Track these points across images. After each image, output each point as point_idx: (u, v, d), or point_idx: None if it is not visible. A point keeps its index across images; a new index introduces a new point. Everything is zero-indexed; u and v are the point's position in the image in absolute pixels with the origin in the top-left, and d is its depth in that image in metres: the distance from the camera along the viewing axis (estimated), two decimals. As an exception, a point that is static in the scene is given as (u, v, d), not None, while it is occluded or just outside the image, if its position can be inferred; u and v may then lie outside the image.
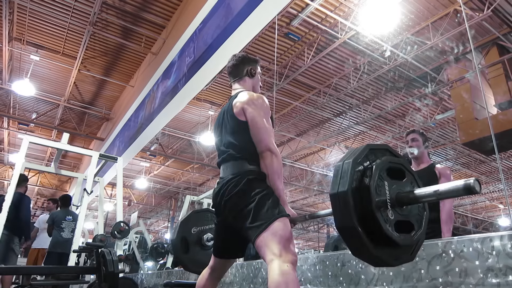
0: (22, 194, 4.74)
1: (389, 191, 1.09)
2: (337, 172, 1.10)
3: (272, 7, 3.60)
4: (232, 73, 1.93)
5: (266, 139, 1.62)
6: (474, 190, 0.93)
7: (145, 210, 19.64)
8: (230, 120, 1.73)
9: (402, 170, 1.17)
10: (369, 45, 7.28)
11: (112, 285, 2.86)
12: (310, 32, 7.25)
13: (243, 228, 1.52)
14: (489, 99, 6.73)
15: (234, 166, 1.67)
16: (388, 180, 1.11)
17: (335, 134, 10.92)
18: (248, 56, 1.96)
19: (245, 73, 1.91)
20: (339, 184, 1.08)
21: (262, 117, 1.67)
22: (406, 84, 8.45)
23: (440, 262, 1.56)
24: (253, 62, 1.94)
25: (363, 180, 1.09)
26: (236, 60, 1.93)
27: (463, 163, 12.73)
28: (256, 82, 1.94)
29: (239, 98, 1.73)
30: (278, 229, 1.45)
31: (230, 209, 1.58)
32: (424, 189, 1.08)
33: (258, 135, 1.64)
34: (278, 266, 1.34)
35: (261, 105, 1.70)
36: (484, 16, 6.02)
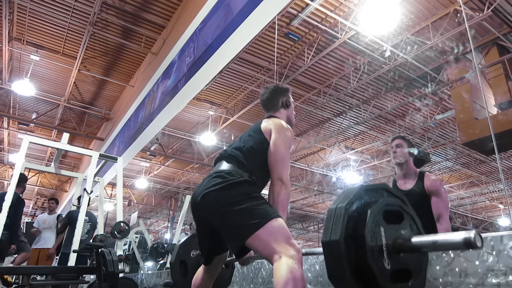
0: (19, 197, 4.63)
1: (385, 237, 1.02)
2: (330, 217, 1.04)
3: (272, 7, 3.60)
4: (267, 106, 1.97)
5: (282, 168, 1.64)
6: (474, 246, 0.87)
7: (145, 210, 19.64)
8: (255, 132, 1.77)
9: (400, 212, 1.10)
10: (369, 45, 7.28)
11: (112, 285, 2.86)
12: (310, 32, 7.25)
13: (231, 224, 1.47)
14: (489, 99, 6.73)
15: (231, 165, 1.65)
16: (384, 225, 1.04)
17: (335, 134, 10.92)
18: (280, 87, 1.98)
19: (280, 105, 1.94)
20: (331, 232, 1.01)
21: (285, 146, 1.69)
22: (406, 84, 8.45)
23: (440, 262, 1.56)
24: (286, 92, 1.97)
25: (357, 226, 1.01)
26: (270, 92, 1.96)
27: (463, 163, 12.73)
28: (291, 112, 1.99)
29: (272, 120, 1.80)
30: (278, 227, 1.44)
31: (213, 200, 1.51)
32: (422, 237, 1.02)
33: (275, 162, 1.65)
34: (286, 263, 1.33)
35: (289, 137, 1.74)
36: (484, 16, 6.02)
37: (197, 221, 1.70)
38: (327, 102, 9.21)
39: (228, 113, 10.18)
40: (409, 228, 1.10)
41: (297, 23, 6.84)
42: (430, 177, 2.53)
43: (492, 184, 14.37)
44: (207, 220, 1.60)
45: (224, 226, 1.51)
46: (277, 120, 1.81)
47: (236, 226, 1.46)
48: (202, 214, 1.60)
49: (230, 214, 1.47)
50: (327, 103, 9.33)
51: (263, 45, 7.55)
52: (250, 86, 8.94)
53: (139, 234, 9.60)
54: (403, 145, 2.61)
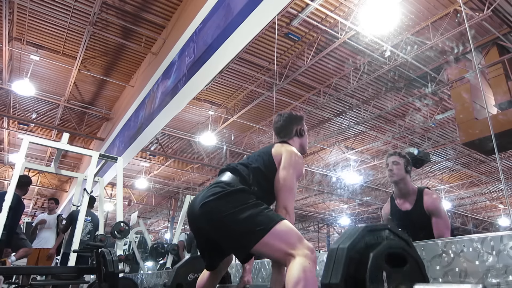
0: (19, 199, 4.64)
1: (387, 283, 0.99)
2: (331, 258, 1.01)
3: (272, 7, 3.60)
4: (281, 134, 1.93)
5: (288, 198, 1.63)
6: None
7: (145, 210, 19.64)
8: (265, 154, 1.74)
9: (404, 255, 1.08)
10: (369, 45, 7.28)
11: (112, 285, 2.86)
12: (310, 32, 7.25)
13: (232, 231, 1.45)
14: (489, 99, 6.73)
15: (234, 178, 1.63)
16: (387, 269, 1.01)
17: (335, 134, 10.92)
18: (295, 115, 1.97)
19: (294, 134, 1.92)
20: (332, 274, 0.98)
21: (293, 175, 1.67)
22: (406, 84, 8.46)
23: (440, 262, 1.56)
24: (300, 121, 1.96)
25: (359, 270, 0.98)
26: (284, 120, 1.93)
27: (463, 163, 12.73)
28: (305, 141, 1.97)
29: (285, 147, 1.76)
30: (287, 229, 1.43)
31: (213, 209, 1.47)
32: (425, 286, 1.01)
33: (283, 191, 1.64)
34: (300, 263, 1.33)
35: (299, 166, 1.72)
36: (484, 16, 6.02)
37: (195, 232, 1.65)
38: (327, 102, 9.21)
39: (228, 113, 10.19)
40: (412, 272, 1.07)
41: (297, 23, 6.84)
42: (429, 195, 2.43)
43: (492, 184, 14.38)
44: (205, 231, 1.56)
45: (226, 235, 1.48)
46: (290, 147, 1.79)
47: (240, 234, 1.43)
48: (201, 225, 1.55)
49: (232, 223, 1.44)
50: (327, 103, 9.33)
51: (263, 45, 7.56)
52: (250, 86, 8.94)
53: (139, 234, 9.60)
54: (399, 162, 2.49)
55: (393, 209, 2.58)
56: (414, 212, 2.42)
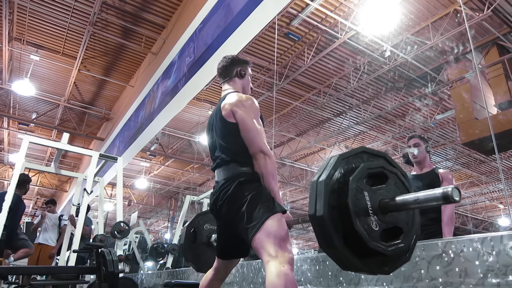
0: (20, 198, 4.66)
1: (370, 200, 1.03)
2: (313, 193, 1.04)
3: (272, 7, 3.60)
4: (222, 74, 1.92)
5: (258, 140, 1.61)
6: (452, 199, 0.90)
7: (145, 210, 19.64)
8: (220, 123, 1.72)
9: (383, 172, 1.10)
10: (369, 45, 7.28)
11: (112, 285, 2.86)
12: (310, 32, 7.25)
13: (240, 230, 1.53)
14: (489, 99, 6.73)
15: (226, 171, 1.67)
16: (368, 189, 1.05)
17: (335, 134, 10.92)
18: (238, 58, 1.95)
19: (234, 74, 1.90)
20: (316, 207, 1.02)
21: (252, 118, 1.66)
22: (406, 84, 8.46)
23: (440, 262, 1.56)
24: (243, 63, 1.93)
25: (340, 197, 1.01)
26: (226, 61, 1.92)
27: (463, 163, 12.73)
28: (246, 83, 1.93)
29: (228, 100, 1.73)
30: (271, 229, 1.44)
31: (226, 213, 1.61)
32: (405, 196, 1.04)
33: (249, 137, 1.62)
34: (275, 268, 1.33)
35: (250, 106, 1.70)
36: (484, 16, 6.02)
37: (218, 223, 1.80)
38: (327, 102, 9.21)
39: (228, 113, 10.17)
40: (394, 186, 1.10)
41: (297, 23, 6.84)
42: (443, 170, 2.74)
43: (492, 184, 14.37)
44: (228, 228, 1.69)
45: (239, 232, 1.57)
46: (232, 95, 1.76)
47: (242, 231, 1.52)
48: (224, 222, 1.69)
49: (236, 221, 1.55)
50: (327, 103, 9.33)
51: (263, 45, 7.55)
52: (250, 86, 8.93)
53: (139, 234, 9.59)
54: (420, 144, 2.73)
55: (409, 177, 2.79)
56: (426, 175, 2.67)
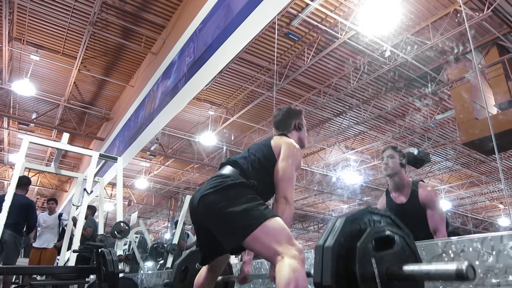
0: (31, 200, 4.87)
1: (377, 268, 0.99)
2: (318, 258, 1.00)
3: (272, 7, 3.60)
4: (280, 127, 1.96)
5: (287, 188, 1.66)
6: (466, 278, 0.85)
7: (145, 210, 19.64)
8: (264, 146, 1.77)
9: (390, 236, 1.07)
10: (369, 45, 7.28)
11: (112, 285, 2.86)
12: (310, 32, 7.25)
13: (227, 225, 1.48)
14: (489, 99, 6.73)
15: (233, 171, 1.66)
16: (375, 255, 1.01)
17: (335, 134, 10.92)
18: (294, 109, 2.00)
19: (292, 127, 1.95)
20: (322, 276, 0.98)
21: (292, 166, 1.70)
22: (406, 84, 8.46)
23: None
24: (299, 114, 1.99)
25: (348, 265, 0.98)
26: (283, 114, 1.97)
27: (463, 163, 12.73)
28: (303, 135, 1.99)
29: (283, 139, 1.79)
30: (277, 227, 1.43)
31: (211, 203, 1.51)
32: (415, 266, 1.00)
33: (282, 181, 1.66)
34: (288, 263, 1.33)
35: (297, 157, 1.74)
36: (484, 16, 6.02)
37: (195, 224, 1.70)
38: (327, 102, 9.21)
39: (228, 113, 10.19)
40: (401, 251, 1.07)
41: (297, 23, 6.84)
42: (423, 188, 2.45)
43: (492, 184, 14.37)
44: (204, 223, 1.60)
45: (220, 227, 1.51)
46: (288, 139, 1.81)
47: (233, 226, 1.46)
48: (200, 217, 1.59)
49: (226, 214, 1.46)
50: (327, 103, 9.33)
51: (263, 45, 7.56)
52: (250, 86, 8.94)
53: (139, 234, 9.58)
54: (394, 156, 2.53)
55: (388, 203, 2.60)
56: (409, 204, 2.45)
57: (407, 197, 2.49)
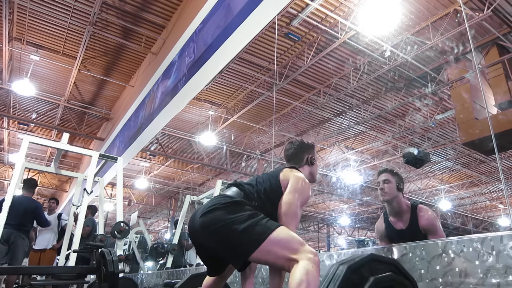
0: (38, 202, 5.04)
1: None
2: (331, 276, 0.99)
3: (272, 7, 3.60)
4: (292, 161, 1.93)
5: (291, 222, 1.62)
6: None
7: (145, 210, 19.64)
8: (273, 177, 1.73)
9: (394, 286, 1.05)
10: (369, 45, 7.28)
11: (112, 285, 2.86)
12: (310, 32, 7.25)
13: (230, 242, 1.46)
14: (489, 99, 6.73)
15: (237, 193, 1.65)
16: None
17: (335, 134, 10.92)
18: (306, 143, 1.96)
19: (305, 162, 1.91)
20: None
21: (298, 200, 1.67)
22: (406, 84, 8.45)
23: (440, 262, 1.56)
24: (311, 149, 1.96)
25: None
26: (295, 148, 1.93)
27: (463, 163, 12.73)
28: (315, 169, 1.96)
29: (293, 172, 1.75)
30: (287, 236, 1.43)
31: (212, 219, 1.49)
32: None
33: (286, 215, 1.63)
34: (303, 266, 1.33)
35: (304, 191, 1.70)
36: (484, 16, 6.02)
37: (196, 243, 1.67)
38: (327, 102, 9.21)
39: (228, 113, 10.18)
40: None
41: (297, 23, 6.84)
42: (424, 212, 2.35)
43: (492, 184, 14.37)
44: (206, 242, 1.57)
45: (224, 245, 1.49)
46: (298, 173, 1.77)
47: (238, 243, 1.44)
48: (201, 235, 1.55)
49: (230, 232, 1.45)
50: (327, 103, 9.33)
51: (263, 45, 7.55)
52: (250, 86, 8.94)
53: (139, 234, 9.58)
54: (390, 180, 2.41)
55: (387, 228, 2.51)
56: (409, 231, 2.35)
57: (406, 223, 2.38)
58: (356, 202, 17.41)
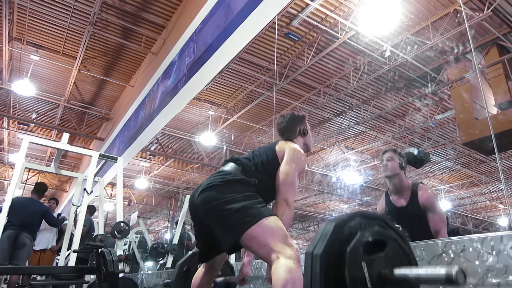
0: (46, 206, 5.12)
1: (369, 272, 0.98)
2: (307, 265, 0.99)
3: (272, 7, 3.60)
4: (285, 134, 1.96)
5: (289, 192, 1.66)
6: (456, 282, 0.86)
7: (145, 210, 19.63)
8: (269, 150, 1.78)
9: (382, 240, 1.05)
10: (369, 45, 7.28)
11: (112, 285, 2.86)
12: (310, 32, 7.25)
13: (224, 221, 1.48)
14: (489, 99, 6.73)
15: (235, 169, 1.67)
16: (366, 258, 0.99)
17: (335, 134, 10.92)
18: (297, 115, 2.00)
19: (298, 133, 1.95)
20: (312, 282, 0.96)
21: (295, 171, 1.71)
22: (406, 84, 8.45)
23: (440, 262, 1.56)
24: (303, 120, 1.99)
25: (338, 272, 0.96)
26: (287, 121, 1.96)
27: (463, 163, 12.73)
28: (308, 139, 2.00)
29: (288, 144, 1.80)
30: (273, 226, 1.44)
31: (209, 197, 1.52)
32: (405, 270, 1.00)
33: (284, 185, 1.67)
34: (284, 263, 1.33)
35: (300, 161, 1.75)
36: (484, 16, 6.02)
37: (194, 219, 1.71)
38: (327, 102, 9.21)
39: (228, 113, 10.18)
40: (393, 253, 1.05)
41: (297, 23, 6.84)
42: (423, 191, 2.45)
43: (492, 184, 14.37)
44: (203, 218, 1.61)
45: (218, 223, 1.52)
46: (293, 144, 1.82)
47: (230, 223, 1.47)
48: (199, 211, 1.60)
49: (224, 211, 1.47)
50: (327, 103, 9.33)
51: (263, 45, 7.55)
52: (250, 86, 8.94)
53: (139, 234, 9.58)
54: (394, 158, 2.53)
55: (388, 206, 2.60)
56: (409, 208, 2.45)
57: (407, 200, 2.48)
58: (356, 202, 17.41)
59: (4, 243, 4.30)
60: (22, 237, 4.45)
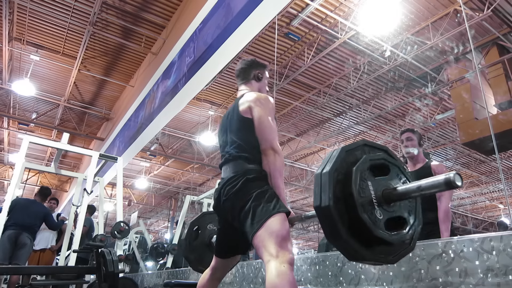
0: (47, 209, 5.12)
1: (374, 190, 1.06)
2: (317, 185, 1.06)
3: (272, 7, 3.60)
4: (240, 76, 1.97)
5: (271, 138, 1.65)
6: (454, 184, 0.92)
7: (145, 210, 19.64)
8: (236, 119, 1.75)
9: (385, 164, 1.14)
10: (369, 45, 7.27)
11: (112, 285, 2.86)
12: (310, 32, 7.25)
13: (243, 227, 1.53)
14: (489, 99, 6.73)
15: (234, 167, 1.68)
16: (371, 179, 1.08)
17: (335, 134, 10.92)
18: (257, 61, 2.00)
19: (252, 77, 1.95)
20: (321, 198, 1.03)
21: (267, 115, 1.70)
22: (406, 84, 8.45)
23: (440, 262, 1.56)
24: (261, 67, 1.99)
25: (345, 188, 1.04)
26: (245, 64, 1.97)
27: (463, 163, 12.73)
28: (263, 86, 1.99)
29: (246, 97, 1.77)
30: (273, 227, 1.44)
31: (229, 210, 1.61)
32: (408, 185, 1.07)
33: (263, 133, 1.66)
34: (275, 267, 1.33)
35: (267, 105, 1.73)
36: (484, 16, 6.02)
37: (220, 220, 1.78)
38: (327, 102, 9.21)
39: (228, 113, 10.17)
40: (396, 178, 1.14)
41: (297, 23, 6.84)
42: (435, 161, 2.75)
43: (492, 184, 14.37)
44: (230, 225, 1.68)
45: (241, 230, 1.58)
46: (250, 93, 1.79)
47: (248, 225, 1.51)
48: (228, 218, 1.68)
49: (241, 218, 1.54)
50: (327, 103, 9.33)
51: (263, 45, 7.55)
52: (250, 86, 8.93)
53: (139, 234, 9.59)
54: (413, 138, 2.73)
55: None
56: (420, 171, 2.64)
57: (421, 166, 2.72)
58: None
59: (4, 243, 4.31)
60: (22, 237, 4.47)
